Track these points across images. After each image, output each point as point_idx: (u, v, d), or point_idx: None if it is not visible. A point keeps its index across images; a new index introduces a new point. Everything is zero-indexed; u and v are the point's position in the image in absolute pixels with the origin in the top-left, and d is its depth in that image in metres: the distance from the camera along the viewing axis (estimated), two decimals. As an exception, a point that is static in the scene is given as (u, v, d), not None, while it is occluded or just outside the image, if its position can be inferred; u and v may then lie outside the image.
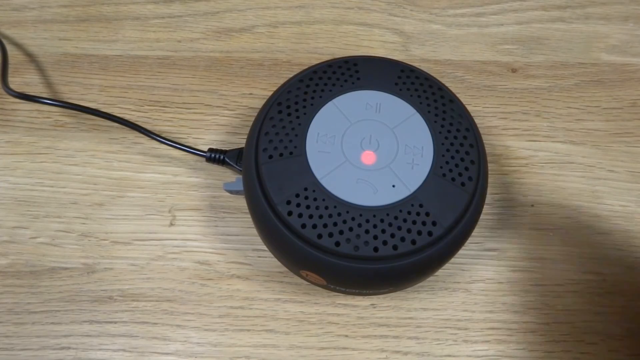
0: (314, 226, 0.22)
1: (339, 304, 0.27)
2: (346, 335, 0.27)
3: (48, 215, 0.28)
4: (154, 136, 0.28)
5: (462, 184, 0.24)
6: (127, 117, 0.30)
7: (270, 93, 0.26)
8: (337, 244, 0.22)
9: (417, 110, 0.25)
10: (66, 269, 0.28)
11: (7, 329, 0.26)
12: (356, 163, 0.24)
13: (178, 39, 0.32)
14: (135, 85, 0.31)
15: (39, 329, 0.26)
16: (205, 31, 0.33)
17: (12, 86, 0.31)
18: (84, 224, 0.28)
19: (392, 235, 0.22)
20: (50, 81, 0.31)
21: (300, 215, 0.23)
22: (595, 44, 0.34)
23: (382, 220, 0.22)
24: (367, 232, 0.22)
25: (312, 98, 0.25)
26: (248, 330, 0.27)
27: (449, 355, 0.26)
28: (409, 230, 0.22)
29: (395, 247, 0.22)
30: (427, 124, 0.25)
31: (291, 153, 0.24)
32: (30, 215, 0.28)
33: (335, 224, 0.22)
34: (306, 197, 0.23)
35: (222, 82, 0.31)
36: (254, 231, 0.28)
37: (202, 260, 0.28)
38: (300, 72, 0.26)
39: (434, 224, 0.23)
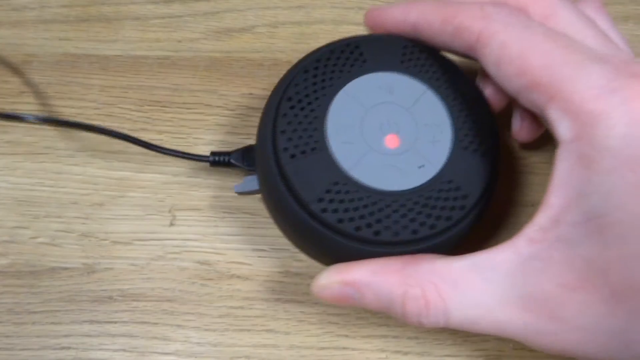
0: (351, 219, 0.22)
1: (339, 304, 0.27)
2: (346, 335, 0.27)
3: (48, 215, 0.29)
4: (152, 147, 0.28)
5: (484, 154, 0.24)
6: (127, 117, 0.30)
7: (270, 93, 0.26)
8: (377, 233, 0.22)
9: (429, 87, 0.25)
10: (66, 269, 0.28)
11: (7, 329, 0.26)
12: (380, 149, 0.23)
13: (178, 39, 0.32)
14: (135, 85, 0.31)
15: (39, 329, 0.27)
16: (205, 31, 0.33)
17: (12, 86, 0.31)
18: (84, 224, 0.28)
19: (429, 216, 0.22)
20: (50, 81, 0.31)
21: (335, 211, 0.22)
22: (595, 44, 0.34)
23: (416, 203, 0.22)
24: (403, 216, 0.22)
25: (323, 88, 0.24)
26: (248, 330, 0.27)
27: (449, 355, 0.26)
28: (443, 208, 0.22)
29: (432, 227, 0.22)
30: (441, 99, 0.24)
31: (313, 149, 0.23)
32: (30, 215, 0.28)
33: (372, 214, 0.22)
34: (338, 192, 0.22)
35: (222, 82, 0.31)
36: (254, 231, 0.28)
37: (202, 260, 0.28)
38: (302, 61, 0.25)
39: (464, 197, 0.23)
